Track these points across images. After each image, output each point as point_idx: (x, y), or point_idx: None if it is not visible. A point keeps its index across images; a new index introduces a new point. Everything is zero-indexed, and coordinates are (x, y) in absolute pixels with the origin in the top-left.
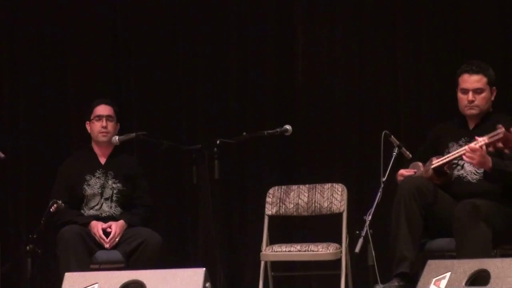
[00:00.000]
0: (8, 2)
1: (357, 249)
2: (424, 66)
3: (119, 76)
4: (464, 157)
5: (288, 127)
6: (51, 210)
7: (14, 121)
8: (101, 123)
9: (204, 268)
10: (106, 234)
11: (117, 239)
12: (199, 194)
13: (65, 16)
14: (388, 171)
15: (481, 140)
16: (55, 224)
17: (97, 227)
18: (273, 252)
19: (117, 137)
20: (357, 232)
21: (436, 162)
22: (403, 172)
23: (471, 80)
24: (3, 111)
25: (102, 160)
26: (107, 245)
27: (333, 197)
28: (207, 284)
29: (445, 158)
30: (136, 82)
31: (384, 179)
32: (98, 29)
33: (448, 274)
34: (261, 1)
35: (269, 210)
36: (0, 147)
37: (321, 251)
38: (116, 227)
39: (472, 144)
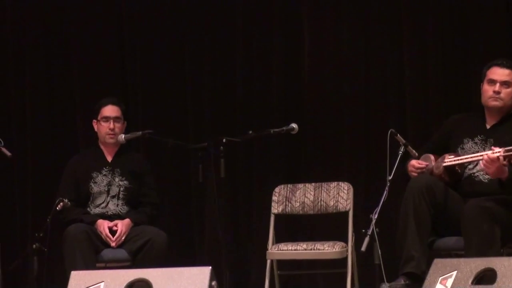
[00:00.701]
0: (15, 2)
1: (363, 248)
2: (431, 65)
3: (125, 74)
4: (481, 163)
5: (294, 125)
6: (57, 208)
7: (20, 120)
8: (109, 124)
9: (210, 267)
10: (112, 232)
11: (123, 238)
12: (205, 193)
13: (72, 15)
14: (394, 170)
15: (497, 151)
16: (61, 222)
17: (103, 225)
18: (279, 250)
19: (123, 136)
20: (363, 230)
21: (449, 161)
22: (414, 163)
23: (501, 73)
24: (10, 109)
25: (109, 158)
26: (113, 244)
27: (339, 195)
28: (213, 283)
29: (459, 159)
30: (142, 80)
31: (390, 177)
32: (104, 27)
33: (454, 273)
34: (268, 0)
35: (275, 208)
36: (6, 145)
37: (327, 249)
38: (122, 225)
39: (490, 154)
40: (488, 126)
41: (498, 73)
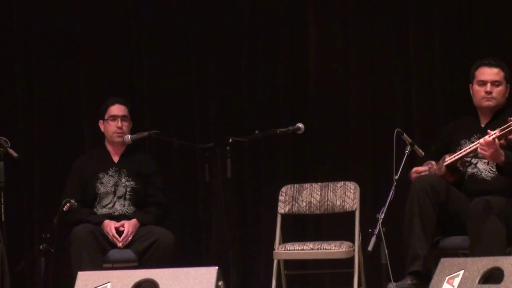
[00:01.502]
0: (22, 2)
1: (370, 247)
2: (437, 64)
3: (131, 74)
4: (478, 149)
5: (300, 125)
6: (64, 209)
7: (27, 120)
8: (116, 123)
9: (217, 267)
10: (119, 233)
11: (130, 238)
12: (212, 193)
13: (78, 13)
14: (400, 169)
15: (493, 133)
16: (68, 223)
17: (110, 226)
18: (286, 250)
19: (129, 136)
20: (370, 230)
21: (449, 159)
22: (417, 169)
23: (490, 72)
24: (16, 110)
25: (116, 158)
26: (120, 244)
27: (345, 195)
28: (220, 283)
29: (457, 154)
30: (149, 80)
31: (396, 177)
32: (111, 26)
33: (461, 272)
34: (274, 0)
35: (282, 208)
36: (13, 146)
37: (334, 249)
38: (129, 226)
39: (486, 137)
40: (482, 125)
41: (487, 73)
